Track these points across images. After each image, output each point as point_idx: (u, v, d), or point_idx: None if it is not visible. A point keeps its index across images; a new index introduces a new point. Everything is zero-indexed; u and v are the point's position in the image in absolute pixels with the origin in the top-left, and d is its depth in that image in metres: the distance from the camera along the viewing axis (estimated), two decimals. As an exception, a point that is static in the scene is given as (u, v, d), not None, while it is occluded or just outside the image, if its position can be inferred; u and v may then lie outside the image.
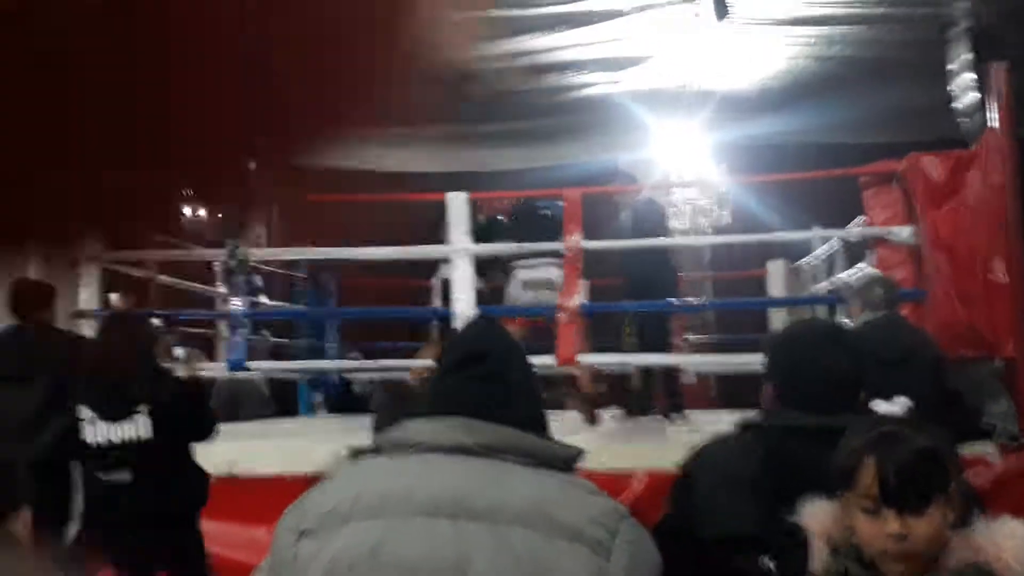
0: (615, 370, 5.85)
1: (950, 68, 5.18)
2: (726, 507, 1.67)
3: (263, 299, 6.43)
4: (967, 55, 5.13)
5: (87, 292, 5.16)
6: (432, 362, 3.24)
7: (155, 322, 4.78)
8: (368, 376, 6.74)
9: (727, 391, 7.54)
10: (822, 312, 5.41)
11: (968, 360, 4.28)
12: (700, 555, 1.63)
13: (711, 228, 7.66)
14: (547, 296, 5.51)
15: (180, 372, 3.45)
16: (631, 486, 3.45)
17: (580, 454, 1.32)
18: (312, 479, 1.33)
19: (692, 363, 6.49)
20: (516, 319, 5.44)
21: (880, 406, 1.53)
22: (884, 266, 4.91)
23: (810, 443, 1.62)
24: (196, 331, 6.17)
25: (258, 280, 6.37)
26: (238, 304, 5.47)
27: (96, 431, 3.06)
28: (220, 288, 6.04)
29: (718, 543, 1.65)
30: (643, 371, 5.69)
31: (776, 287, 6.16)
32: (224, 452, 3.70)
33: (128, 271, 5.56)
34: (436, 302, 6.18)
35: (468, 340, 1.39)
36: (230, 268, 5.52)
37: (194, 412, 3.24)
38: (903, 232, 4.87)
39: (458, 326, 2.20)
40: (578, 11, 5.13)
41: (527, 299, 5.79)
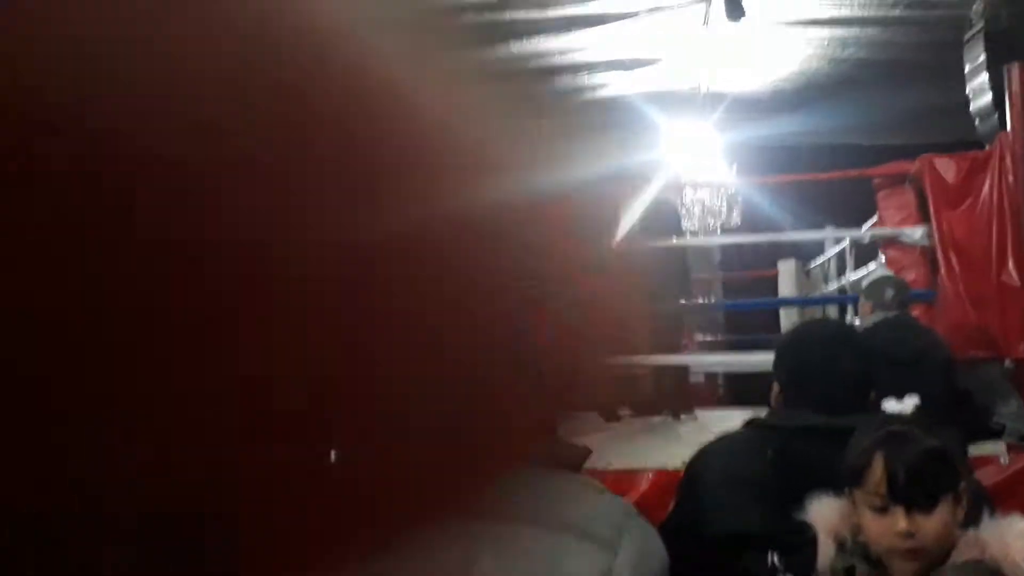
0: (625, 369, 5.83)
1: (965, 70, 5.16)
2: (733, 505, 1.67)
3: None
4: (982, 57, 5.10)
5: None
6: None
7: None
8: None
9: (735, 390, 7.53)
10: (833, 312, 5.40)
11: (979, 361, 4.27)
12: (707, 553, 1.64)
13: (721, 228, 7.65)
14: None
15: None
16: (638, 485, 3.45)
17: (587, 453, 1.32)
18: None
19: (701, 363, 6.48)
20: None
21: (891, 405, 1.53)
22: (896, 267, 4.90)
23: (818, 442, 1.62)
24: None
25: None
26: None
27: None
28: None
29: (725, 541, 1.65)
30: (654, 370, 5.68)
31: (787, 287, 6.15)
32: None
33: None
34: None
35: None
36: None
37: None
38: (915, 233, 4.86)
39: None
40: (591, 13, 5.13)
41: None
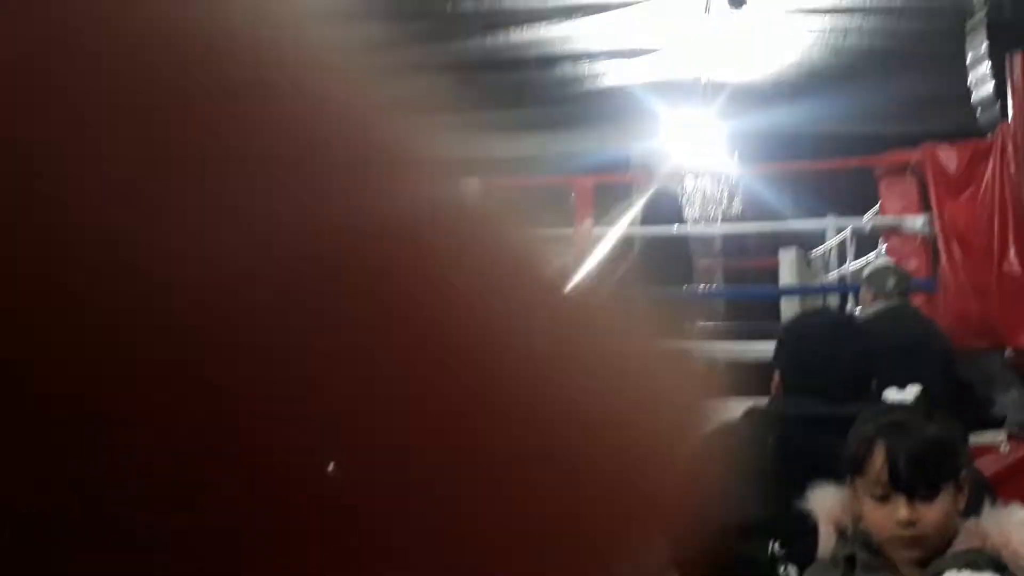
0: None
1: (967, 59, 5.14)
2: (734, 493, 1.67)
3: None
4: (984, 46, 5.09)
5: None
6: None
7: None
8: None
9: (735, 379, 7.52)
10: (834, 301, 5.39)
11: (980, 350, 4.26)
12: (708, 541, 1.64)
13: (721, 217, 7.63)
14: None
15: None
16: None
17: None
18: None
19: (701, 351, 6.47)
20: None
21: (892, 394, 1.54)
22: (897, 256, 4.88)
23: (818, 431, 1.62)
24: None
25: None
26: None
27: None
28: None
29: (725, 529, 1.65)
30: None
31: (788, 276, 6.14)
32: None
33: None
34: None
35: None
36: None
37: None
38: (916, 222, 4.85)
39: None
40: (592, 2, 5.12)
41: None
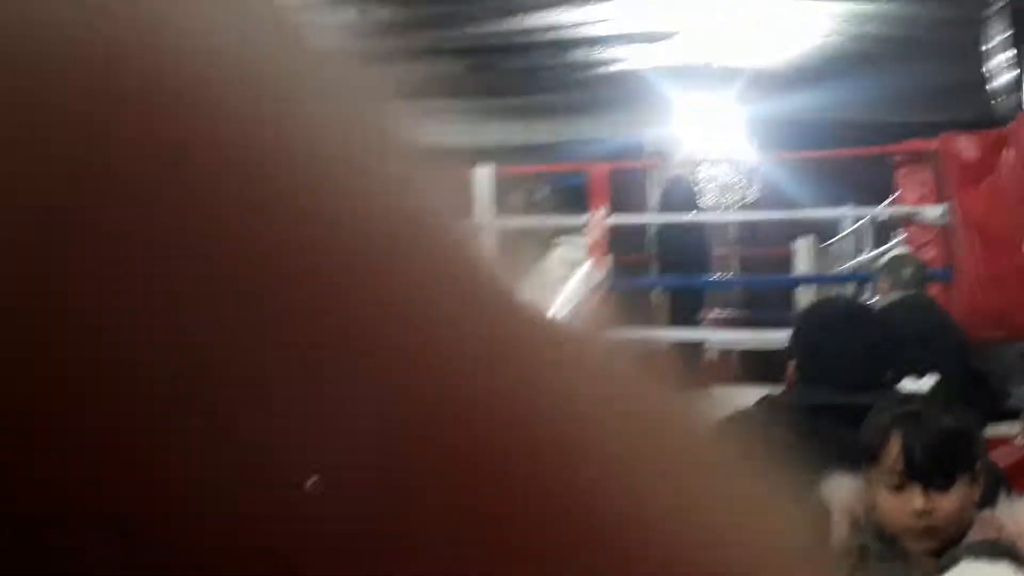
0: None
1: (986, 47, 5.10)
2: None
3: None
4: (1004, 34, 5.04)
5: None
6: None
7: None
8: None
9: (750, 367, 7.51)
10: (850, 290, 5.37)
11: (996, 341, 4.24)
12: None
13: (737, 204, 7.61)
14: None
15: None
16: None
17: None
18: None
19: (717, 339, 6.46)
20: None
21: (909, 384, 1.53)
22: (913, 245, 4.86)
23: (831, 420, 1.62)
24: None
25: None
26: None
27: None
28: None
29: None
30: (668, 346, 5.68)
31: (804, 264, 6.11)
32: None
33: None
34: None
35: None
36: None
37: None
38: (934, 211, 4.81)
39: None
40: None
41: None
